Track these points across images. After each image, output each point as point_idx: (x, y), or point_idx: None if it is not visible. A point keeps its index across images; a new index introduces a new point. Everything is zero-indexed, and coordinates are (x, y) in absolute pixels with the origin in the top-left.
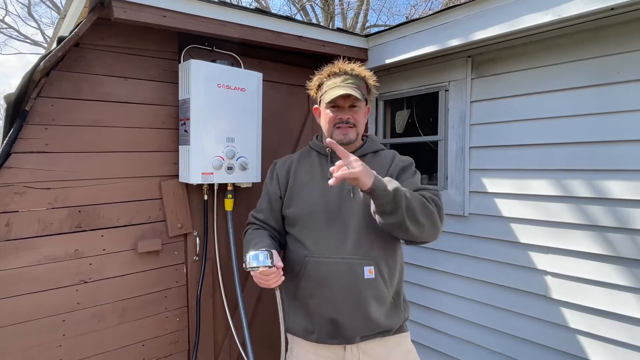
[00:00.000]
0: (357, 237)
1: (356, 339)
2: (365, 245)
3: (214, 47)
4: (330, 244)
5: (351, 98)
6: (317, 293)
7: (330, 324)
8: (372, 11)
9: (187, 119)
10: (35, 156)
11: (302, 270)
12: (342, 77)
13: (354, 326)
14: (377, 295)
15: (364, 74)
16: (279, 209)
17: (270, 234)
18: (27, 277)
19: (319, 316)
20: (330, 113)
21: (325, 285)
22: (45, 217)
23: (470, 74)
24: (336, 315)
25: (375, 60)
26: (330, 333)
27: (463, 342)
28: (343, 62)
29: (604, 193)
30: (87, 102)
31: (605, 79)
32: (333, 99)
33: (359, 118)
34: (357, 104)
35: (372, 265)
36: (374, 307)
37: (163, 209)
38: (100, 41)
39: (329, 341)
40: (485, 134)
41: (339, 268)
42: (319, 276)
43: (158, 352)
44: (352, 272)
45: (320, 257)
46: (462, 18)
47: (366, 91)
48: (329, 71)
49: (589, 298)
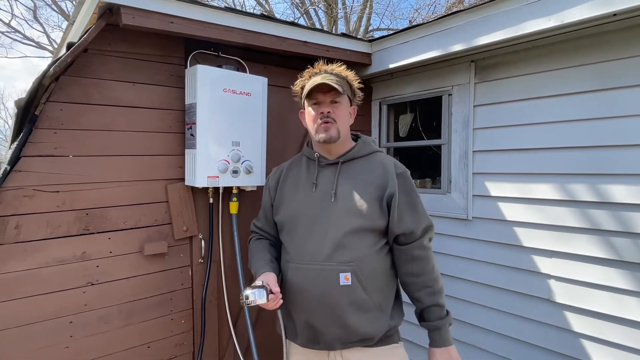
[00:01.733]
0: (335, 243)
1: (336, 345)
2: (343, 251)
3: (219, 53)
4: (308, 250)
5: (332, 93)
6: (296, 299)
7: (308, 330)
8: (375, 15)
9: (193, 123)
10: (45, 160)
11: (285, 276)
12: (322, 75)
13: (330, 332)
14: (354, 302)
15: (344, 74)
16: (271, 217)
17: (271, 242)
18: (35, 279)
19: (299, 321)
20: (312, 111)
21: (303, 291)
22: (53, 219)
23: (474, 78)
24: (312, 322)
25: (379, 65)
26: (310, 338)
27: (466, 346)
28: (323, 63)
29: (607, 197)
30: (95, 107)
31: (608, 83)
32: (311, 91)
33: (339, 114)
34: (338, 99)
35: (349, 272)
36: (352, 314)
37: (169, 212)
38: (108, 47)
39: (312, 346)
40: (488, 138)
41: (313, 274)
42: (297, 282)
43: (163, 354)
44: (326, 278)
45: (299, 263)
46: (465, 23)
47: (349, 90)
48: (309, 73)
49: (593, 302)
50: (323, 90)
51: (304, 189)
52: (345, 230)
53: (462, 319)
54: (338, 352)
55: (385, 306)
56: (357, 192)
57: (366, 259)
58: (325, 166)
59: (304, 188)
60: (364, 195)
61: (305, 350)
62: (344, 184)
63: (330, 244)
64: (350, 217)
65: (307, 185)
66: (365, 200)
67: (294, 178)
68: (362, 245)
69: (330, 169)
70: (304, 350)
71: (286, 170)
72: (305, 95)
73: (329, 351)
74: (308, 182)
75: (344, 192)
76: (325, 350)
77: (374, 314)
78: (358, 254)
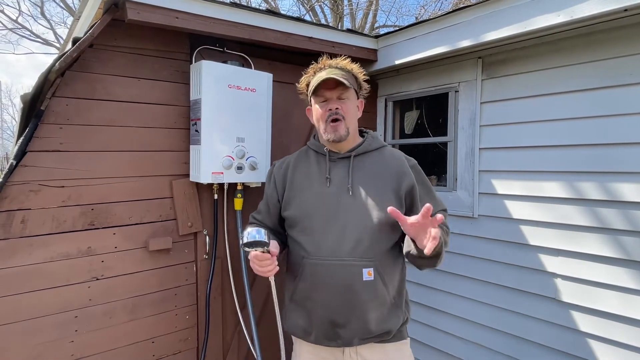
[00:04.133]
0: (356, 238)
1: (354, 341)
2: (365, 246)
3: (224, 48)
4: (328, 246)
5: (338, 89)
6: (314, 295)
7: (327, 326)
8: (381, 12)
9: (198, 119)
10: (50, 155)
11: (300, 272)
12: (327, 70)
13: (351, 328)
14: (377, 297)
15: (349, 67)
16: (275, 212)
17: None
18: (41, 274)
19: (317, 318)
20: (319, 108)
21: (323, 287)
22: (59, 214)
23: (481, 74)
24: (333, 317)
25: (385, 61)
26: (328, 335)
27: (471, 344)
28: (327, 58)
29: (616, 196)
30: (100, 102)
31: (618, 80)
32: (317, 88)
33: (347, 109)
34: (345, 95)
35: (372, 267)
36: (373, 310)
37: (174, 208)
38: (113, 42)
39: (327, 343)
40: (495, 136)
41: (336, 270)
42: (316, 278)
43: (167, 349)
44: (350, 274)
45: (318, 259)
46: (473, 19)
47: (355, 84)
48: (314, 69)
49: (600, 301)
50: (329, 86)
51: (317, 184)
52: (367, 225)
53: (467, 317)
54: (354, 349)
55: (399, 300)
56: (373, 185)
57: (386, 253)
58: (337, 160)
59: (317, 183)
60: (381, 188)
61: (318, 347)
62: (358, 177)
63: (351, 239)
64: (370, 211)
65: (319, 180)
66: (383, 193)
67: (303, 173)
68: (382, 240)
69: (342, 163)
70: (316, 348)
71: (293, 165)
72: (312, 93)
73: (345, 348)
74: (320, 177)
75: (360, 186)
76: (341, 347)
77: (391, 309)
78: (379, 249)
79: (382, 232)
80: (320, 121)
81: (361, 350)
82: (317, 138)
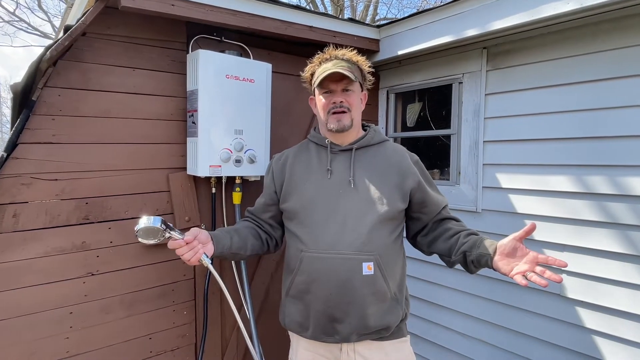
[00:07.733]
0: (356, 232)
1: (352, 337)
2: (365, 239)
3: (222, 38)
4: (327, 239)
5: (344, 81)
6: (312, 289)
7: (325, 321)
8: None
9: (195, 111)
10: (42, 147)
11: (297, 265)
12: (333, 62)
13: (350, 323)
14: (376, 292)
15: (355, 59)
16: (272, 204)
17: (253, 225)
18: (35, 269)
19: (314, 312)
20: (323, 99)
21: (321, 281)
22: (52, 208)
23: (486, 65)
24: (331, 312)
25: (387, 52)
26: (326, 330)
27: (474, 340)
28: (334, 49)
29: (626, 190)
30: (94, 93)
31: (627, 71)
32: (323, 80)
33: (352, 102)
34: (350, 87)
35: (372, 261)
36: (372, 305)
37: (171, 202)
38: (107, 30)
39: (324, 338)
40: (500, 128)
41: (335, 264)
42: (314, 272)
43: (165, 345)
44: (349, 268)
45: (316, 252)
46: (478, 7)
47: (360, 76)
48: (320, 59)
49: (608, 298)
50: (335, 78)
51: (317, 176)
52: (368, 219)
53: (470, 314)
54: (351, 345)
55: (399, 296)
56: (376, 179)
57: (387, 248)
58: (338, 152)
59: (317, 175)
60: (384, 182)
61: (315, 343)
62: (360, 170)
63: (352, 233)
64: (371, 205)
65: (320, 171)
66: (385, 187)
67: (303, 165)
68: (383, 234)
69: (344, 155)
70: (313, 344)
71: (293, 157)
72: (317, 84)
73: (342, 344)
74: (321, 169)
75: (362, 179)
76: (338, 343)
77: (390, 304)
78: (380, 243)
79: (384, 226)
80: (323, 111)
81: (359, 347)
82: (318, 130)
